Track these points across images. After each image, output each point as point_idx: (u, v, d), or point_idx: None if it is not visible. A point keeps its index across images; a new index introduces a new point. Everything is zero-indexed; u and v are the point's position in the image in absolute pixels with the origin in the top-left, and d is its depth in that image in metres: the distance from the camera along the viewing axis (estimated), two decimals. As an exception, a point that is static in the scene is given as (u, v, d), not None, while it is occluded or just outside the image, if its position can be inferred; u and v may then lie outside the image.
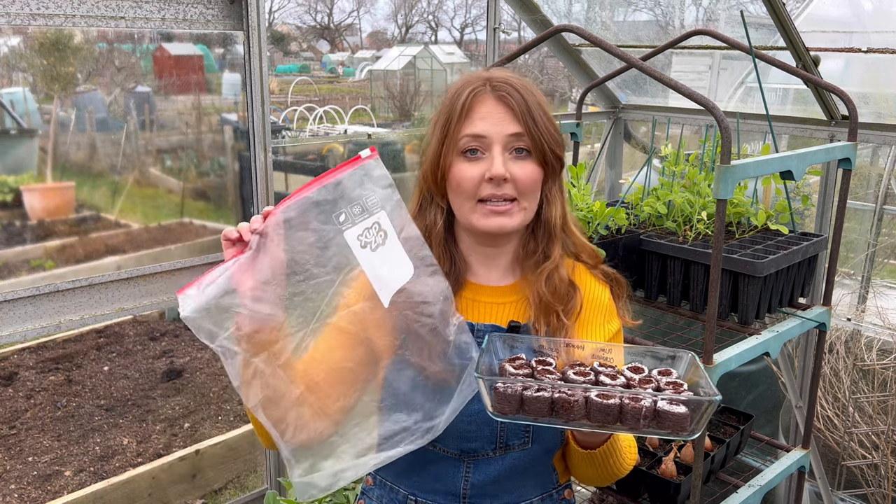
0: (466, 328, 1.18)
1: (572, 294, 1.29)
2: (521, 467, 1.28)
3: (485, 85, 1.23)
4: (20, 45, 7.94)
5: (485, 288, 1.32)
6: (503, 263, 1.32)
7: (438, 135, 1.24)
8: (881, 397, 2.77)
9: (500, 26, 2.55)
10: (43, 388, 4.13)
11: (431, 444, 1.24)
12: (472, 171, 1.21)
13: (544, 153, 1.23)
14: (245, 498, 2.33)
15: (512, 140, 1.21)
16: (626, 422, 1.04)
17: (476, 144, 1.21)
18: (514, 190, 1.21)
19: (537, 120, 1.22)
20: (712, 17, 3.31)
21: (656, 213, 2.02)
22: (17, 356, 4.54)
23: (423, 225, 1.29)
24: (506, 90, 1.22)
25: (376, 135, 8.70)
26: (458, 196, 1.25)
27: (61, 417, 3.83)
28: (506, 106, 1.22)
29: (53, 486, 3.26)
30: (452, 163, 1.23)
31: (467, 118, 1.22)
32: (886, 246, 3.81)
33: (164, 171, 7.79)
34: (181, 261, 1.75)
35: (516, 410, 1.06)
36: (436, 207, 1.29)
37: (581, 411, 1.05)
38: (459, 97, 1.23)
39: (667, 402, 1.03)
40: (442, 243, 1.29)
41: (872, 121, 2.43)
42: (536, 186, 1.25)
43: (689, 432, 1.04)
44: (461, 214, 1.26)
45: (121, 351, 4.67)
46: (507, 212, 1.22)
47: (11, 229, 5.89)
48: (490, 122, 1.21)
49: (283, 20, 35.20)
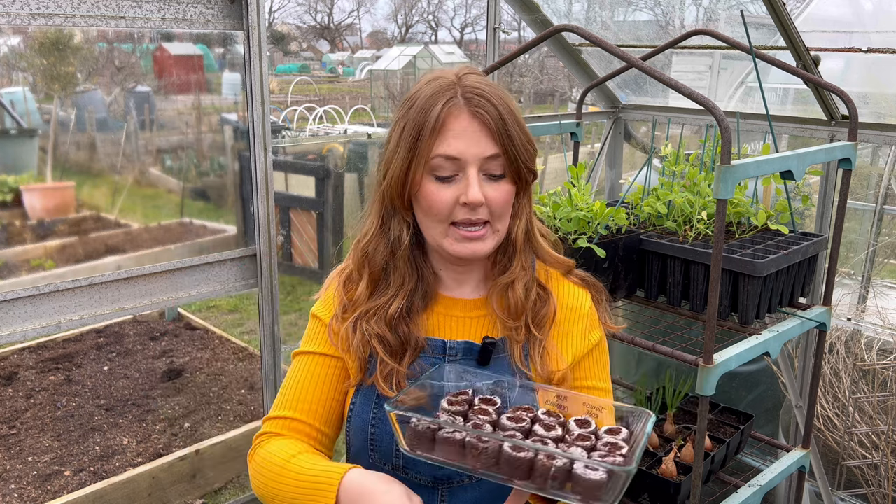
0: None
1: (540, 305, 1.24)
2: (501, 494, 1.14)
3: (457, 95, 1.14)
4: (20, 45, 7.95)
5: (458, 301, 1.27)
6: (475, 278, 1.28)
7: (406, 148, 1.15)
8: (881, 397, 2.77)
9: (500, 26, 2.55)
10: (43, 388, 4.13)
11: (404, 471, 1.20)
12: (445, 195, 1.14)
13: (519, 171, 1.17)
14: (245, 498, 2.33)
15: (487, 162, 1.14)
16: (534, 479, 0.96)
17: (450, 168, 1.14)
18: (487, 213, 1.16)
19: (513, 137, 1.14)
20: (712, 17, 3.31)
21: (656, 213, 2.01)
22: (17, 356, 4.54)
23: (387, 241, 1.22)
24: (480, 105, 1.13)
25: (376, 135, 8.69)
26: (428, 217, 1.18)
27: (61, 417, 3.83)
28: (481, 123, 1.13)
29: (53, 486, 3.26)
30: (422, 182, 1.15)
31: (440, 135, 1.13)
32: (886, 246, 3.81)
33: (164, 171, 7.79)
34: (181, 261, 1.75)
35: (429, 450, 1.00)
36: (401, 222, 1.21)
37: (491, 460, 0.97)
38: (431, 110, 1.13)
39: (582, 466, 0.93)
40: (408, 259, 1.23)
41: (872, 121, 2.43)
42: (509, 205, 1.19)
43: (601, 503, 0.93)
44: (431, 236, 1.20)
45: (121, 351, 4.67)
46: (480, 237, 1.16)
47: (11, 229, 5.90)
48: (465, 143, 1.13)
49: (283, 20, 35.22)
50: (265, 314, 1.87)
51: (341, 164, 7.26)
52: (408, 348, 1.21)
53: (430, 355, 1.23)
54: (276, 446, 1.20)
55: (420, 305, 1.24)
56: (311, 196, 6.54)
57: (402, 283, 1.23)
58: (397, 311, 1.21)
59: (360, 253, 1.25)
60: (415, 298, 1.24)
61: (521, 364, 1.22)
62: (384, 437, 1.21)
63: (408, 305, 1.23)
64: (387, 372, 1.20)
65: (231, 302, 5.93)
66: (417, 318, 1.24)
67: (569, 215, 1.82)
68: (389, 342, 1.20)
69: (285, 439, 1.23)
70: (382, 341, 1.20)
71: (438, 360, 1.22)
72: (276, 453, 1.18)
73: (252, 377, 4.34)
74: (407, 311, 1.22)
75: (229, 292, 1.84)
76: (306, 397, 1.25)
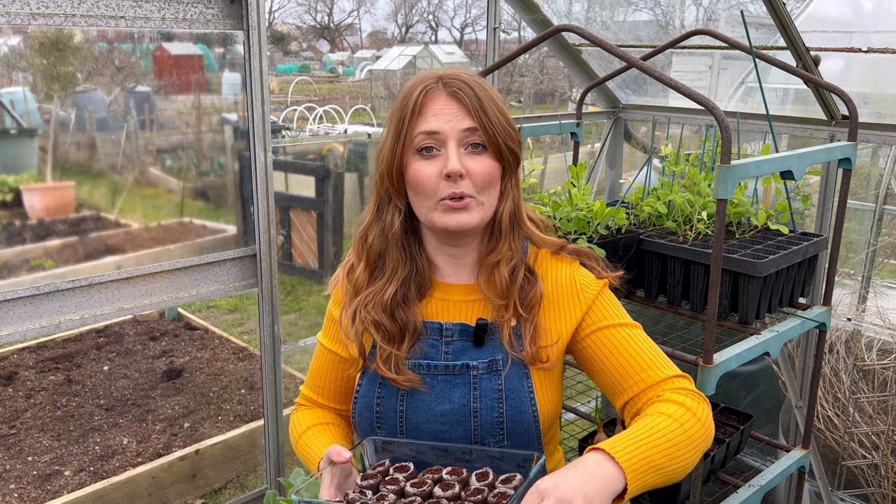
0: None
1: (528, 288, 1.29)
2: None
3: (437, 82, 1.24)
4: (20, 45, 7.95)
5: (454, 287, 1.33)
6: (470, 262, 1.33)
7: (393, 134, 1.24)
8: (881, 397, 2.77)
9: (500, 26, 2.55)
10: (43, 388, 4.13)
11: None
12: (429, 170, 1.21)
13: (499, 147, 1.23)
14: (245, 498, 2.32)
15: (466, 135, 1.21)
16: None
17: (431, 142, 1.21)
18: (471, 187, 1.22)
19: (490, 114, 1.22)
20: (712, 17, 3.30)
21: (656, 213, 2.01)
22: (17, 356, 4.54)
23: (380, 226, 1.30)
24: (457, 86, 1.22)
25: (376, 134, 8.69)
26: (418, 196, 1.25)
27: (61, 417, 3.83)
28: (458, 101, 1.22)
29: (53, 486, 3.26)
30: (409, 162, 1.23)
31: (420, 116, 1.22)
32: (886, 246, 3.81)
33: (164, 171, 7.78)
34: (181, 260, 1.75)
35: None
36: (393, 208, 1.29)
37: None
38: (411, 95, 1.23)
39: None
40: (400, 244, 1.30)
41: (872, 121, 2.43)
42: (494, 181, 1.25)
43: None
44: (422, 214, 1.26)
45: (121, 351, 4.66)
46: (465, 207, 1.22)
47: (11, 229, 5.90)
48: (443, 119, 1.21)
49: (283, 20, 35.23)
50: (265, 314, 1.87)
51: (341, 164, 7.26)
52: (406, 333, 1.29)
53: (427, 338, 1.30)
54: (297, 418, 1.45)
55: (416, 294, 1.31)
56: (311, 196, 6.54)
57: (395, 270, 1.30)
58: (391, 297, 1.28)
59: (359, 238, 1.34)
60: (410, 286, 1.30)
61: (509, 345, 1.28)
62: (388, 415, 1.29)
63: (404, 293, 1.30)
64: (385, 356, 1.27)
65: (231, 302, 5.93)
66: (415, 305, 1.31)
67: (569, 215, 1.82)
68: (387, 328, 1.28)
69: (308, 411, 1.47)
70: (379, 328, 1.28)
71: (436, 341, 1.29)
72: (296, 425, 1.44)
73: (252, 377, 4.34)
74: (403, 297, 1.29)
75: (229, 292, 1.84)
76: (321, 383, 1.44)
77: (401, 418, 1.28)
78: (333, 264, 6.51)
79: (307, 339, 4.96)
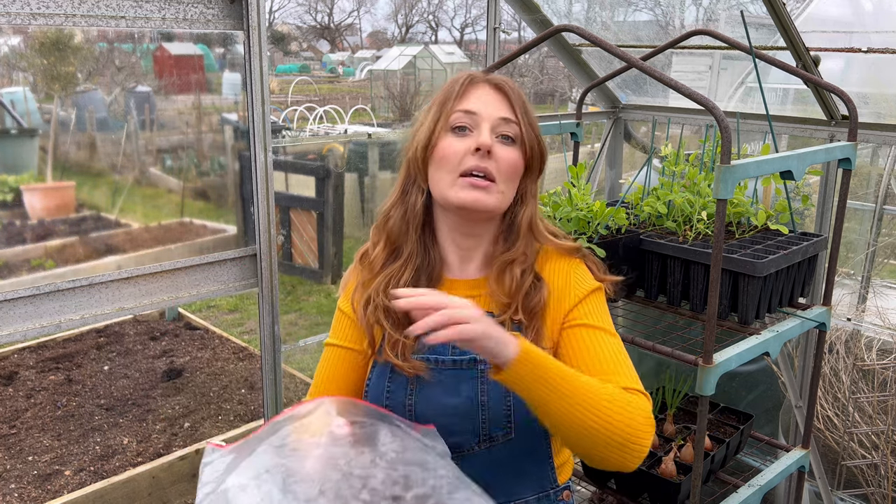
0: None
1: (533, 293, 1.29)
2: (511, 463, 1.29)
3: (482, 76, 1.31)
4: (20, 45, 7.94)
5: (460, 282, 1.35)
6: (479, 256, 1.35)
7: (433, 116, 1.28)
8: (881, 397, 2.77)
9: (500, 26, 2.55)
10: (43, 388, 4.13)
11: None
12: (459, 146, 1.25)
13: (529, 145, 1.28)
14: (245, 497, 2.33)
15: (501, 123, 1.26)
16: None
17: (466, 121, 1.26)
18: (495, 170, 1.24)
19: (527, 113, 1.28)
20: (712, 17, 3.31)
21: (656, 213, 2.01)
22: (17, 356, 4.54)
23: (403, 208, 1.32)
24: (501, 82, 1.29)
25: (376, 134, 8.69)
26: (439, 170, 1.27)
27: (61, 417, 3.83)
28: (501, 93, 1.28)
29: (53, 486, 3.26)
30: (440, 139, 1.27)
31: (462, 97, 1.27)
32: (886, 246, 3.81)
33: (165, 171, 7.78)
34: (181, 260, 1.75)
35: None
36: (417, 189, 1.32)
37: None
38: (457, 81, 1.29)
39: None
40: (418, 230, 1.32)
41: (872, 121, 2.43)
42: (517, 174, 1.28)
43: None
44: (439, 190, 1.28)
45: (121, 350, 4.67)
46: (485, 188, 1.24)
47: (11, 229, 5.89)
48: (484, 102, 1.27)
49: (283, 20, 35.24)
50: (265, 314, 1.87)
51: (341, 164, 7.26)
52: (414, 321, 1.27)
53: None
54: None
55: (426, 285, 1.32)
56: (311, 196, 6.55)
57: (411, 256, 1.32)
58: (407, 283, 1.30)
59: (382, 217, 1.36)
60: (421, 276, 1.32)
61: None
62: (397, 409, 1.29)
63: (416, 281, 1.31)
64: (393, 342, 1.29)
65: (231, 302, 5.93)
66: None
67: (569, 215, 1.82)
68: (396, 314, 1.28)
69: None
70: (389, 314, 1.29)
71: None
72: None
73: (252, 377, 4.34)
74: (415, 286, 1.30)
75: (229, 292, 1.84)
76: (329, 387, 1.41)
77: (410, 412, 1.29)
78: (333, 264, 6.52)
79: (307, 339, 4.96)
